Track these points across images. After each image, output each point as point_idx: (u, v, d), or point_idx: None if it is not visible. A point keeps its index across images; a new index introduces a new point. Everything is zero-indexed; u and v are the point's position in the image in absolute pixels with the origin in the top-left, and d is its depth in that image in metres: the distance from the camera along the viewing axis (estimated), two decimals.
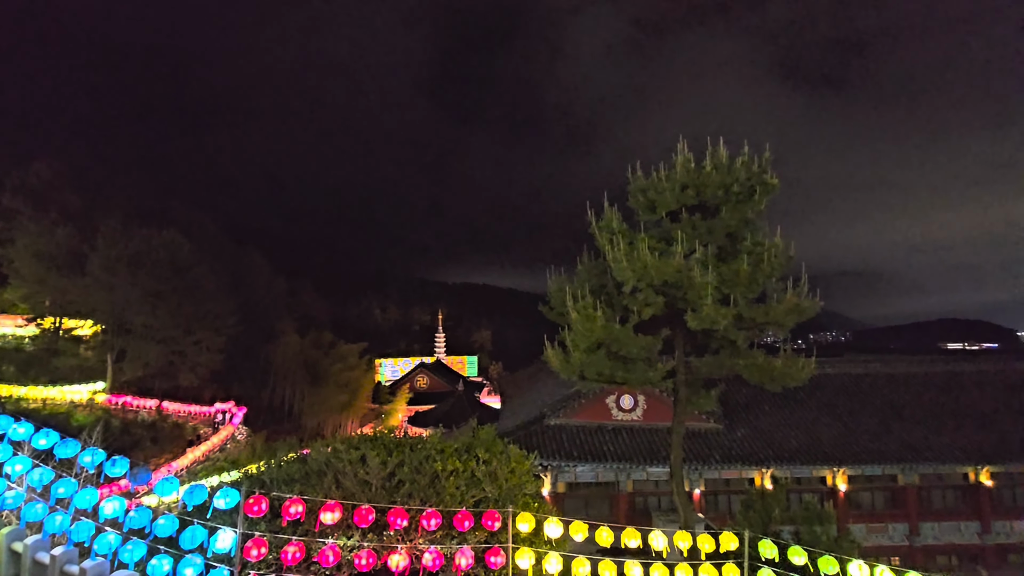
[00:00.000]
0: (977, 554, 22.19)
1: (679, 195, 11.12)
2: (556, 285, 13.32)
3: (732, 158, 10.93)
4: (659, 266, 10.14)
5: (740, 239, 10.85)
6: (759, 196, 10.54)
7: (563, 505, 21.80)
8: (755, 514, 11.09)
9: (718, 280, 10.12)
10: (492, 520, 7.52)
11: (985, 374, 26.72)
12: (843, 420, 23.67)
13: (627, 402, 23.12)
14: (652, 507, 22.45)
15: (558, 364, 12.09)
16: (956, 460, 21.78)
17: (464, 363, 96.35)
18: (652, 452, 21.50)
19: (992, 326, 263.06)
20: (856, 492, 22.76)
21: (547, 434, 22.39)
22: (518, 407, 31.05)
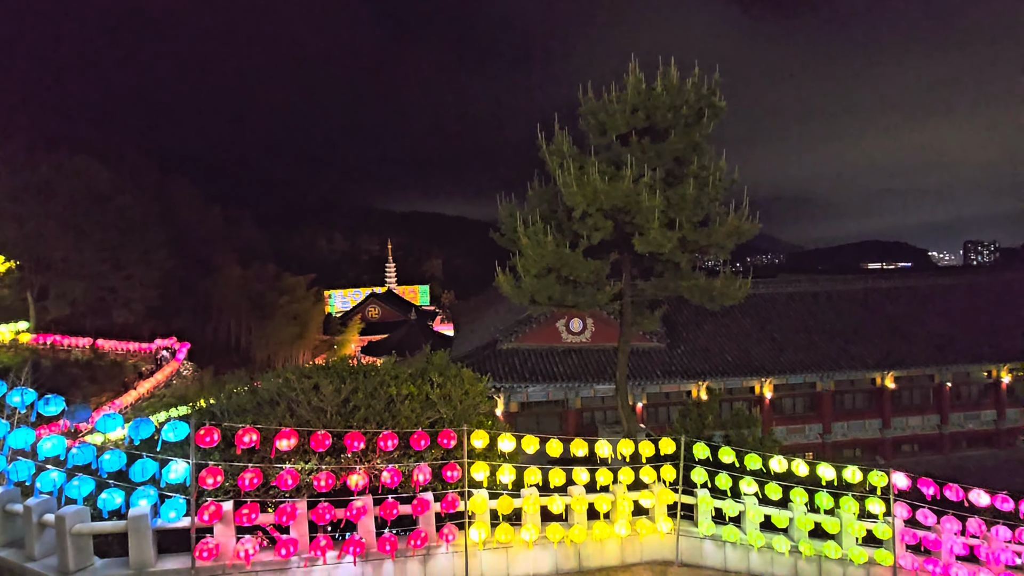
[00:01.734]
0: (877, 446, 25.40)
1: (629, 118, 10.98)
2: (507, 211, 13.19)
3: (683, 80, 10.80)
4: (609, 191, 10.18)
5: (687, 163, 10.98)
6: (707, 119, 10.57)
7: (516, 423, 22.98)
8: (691, 421, 12.08)
9: (665, 204, 10.31)
10: (448, 439, 7.84)
11: (897, 290, 29.28)
12: (773, 336, 25.61)
13: (576, 325, 23.98)
14: (599, 421, 24.05)
15: (509, 290, 12.24)
16: (867, 367, 24.26)
17: (416, 292, 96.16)
18: (599, 371, 22.71)
19: (908, 247, 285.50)
20: (780, 399, 25.15)
21: (500, 358, 23.09)
22: (471, 334, 31.65)
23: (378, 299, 74.81)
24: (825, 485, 9.25)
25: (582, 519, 8.73)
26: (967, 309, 27.99)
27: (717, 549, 9.30)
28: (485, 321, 31.54)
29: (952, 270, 36.71)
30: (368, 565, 7.36)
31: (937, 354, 24.84)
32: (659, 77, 10.67)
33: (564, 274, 11.63)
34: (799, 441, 24.70)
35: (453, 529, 7.78)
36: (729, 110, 11.18)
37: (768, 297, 27.77)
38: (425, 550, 7.62)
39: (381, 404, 7.99)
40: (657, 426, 23.57)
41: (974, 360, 24.90)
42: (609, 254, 12.07)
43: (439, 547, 7.79)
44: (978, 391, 26.39)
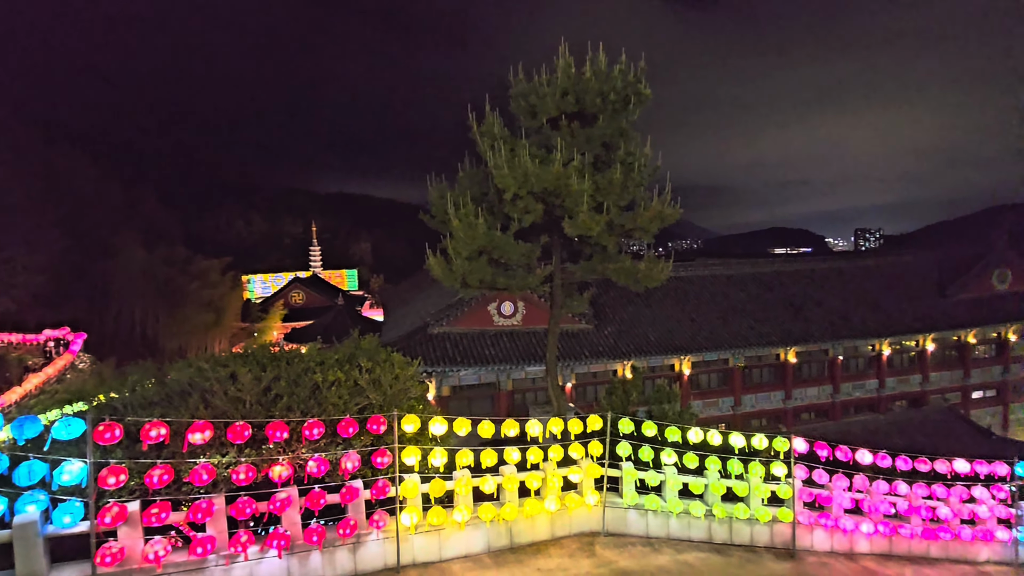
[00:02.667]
0: (780, 415, 27.82)
1: (560, 101, 11.08)
2: (437, 193, 12.95)
3: (610, 66, 11.01)
4: (539, 174, 10.25)
5: (615, 148, 11.26)
6: (634, 106, 10.89)
7: (448, 407, 22.96)
8: (617, 399, 12.62)
9: (593, 188, 10.54)
10: (377, 424, 7.68)
11: (799, 273, 31.97)
12: (691, 316, 27.19)
13: (507, 308, 24.19)
14: (530, 402, 24.54)
15: (440, 272, 12.09)
16: (772, 344, 26.39)
17: (343, 277, 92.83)
18: (530, 353, 23.11)
19: (809, 233, 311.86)
20: (696, 375, 26.83)
21: (431, 342, 22.88)
22: (402, 318, 31.07)
23: (302, 284, 71.45)
24: (736, 453, 10.01)
25: (514, 497, 8.90)
26: (857, 290, 31.11)
27: (640, 518, 9.83)
28: (416, 305, 31.06)
29: (844, 255, 40.53)
30: (294, 558, 7.11)
31: (832, 330, 27.47)
32: (588, 63, 10.83)
33: (495, 257, 11.65)
34: (713, 414, 26.55)
35: (384, 515, 7.68)
36: (652, 99, 11.57)
37: (687, 280, 29.39)
38: (355, 538, 7.47)
39: (306, 391, 7.67)
40: (586, 404, 24.44)
41: (862, 335, 27.79)
42: (540, 237, 12.20)
43: (369, 534, 7.67)
44: (864, 363, 29.52)
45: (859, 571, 9.43)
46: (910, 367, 30.03)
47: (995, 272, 31.65)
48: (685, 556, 9.17)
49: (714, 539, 9.87)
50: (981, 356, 31.11)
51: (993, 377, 31.14)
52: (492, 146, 11.07)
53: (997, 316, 30.09)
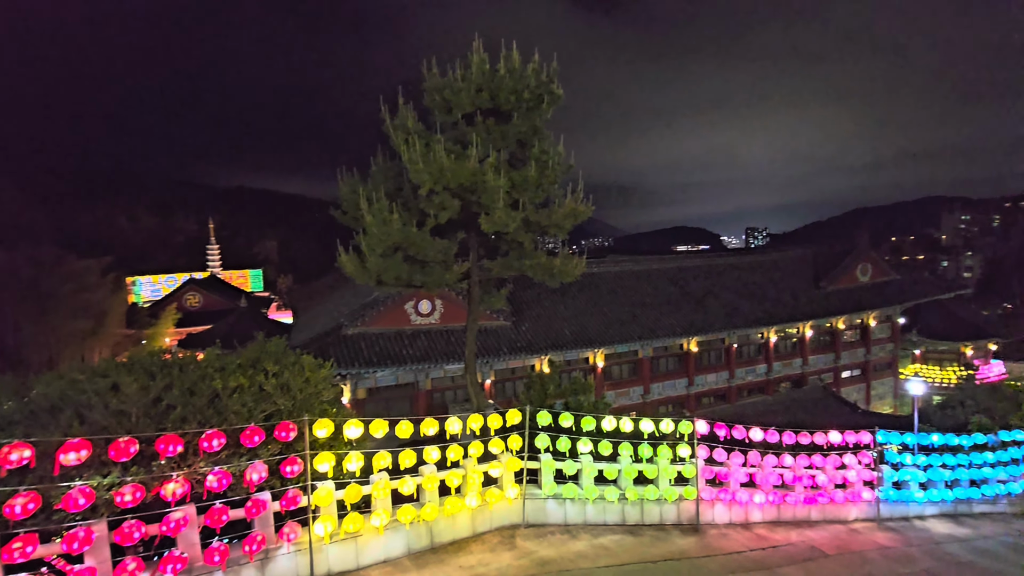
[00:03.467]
0: (684, 401, 29.83)
1: (475, 97, 11.06)
2: (349, 187, 12.45)
3: (524, 65, 11.17)
4: (455, 169, 10.17)
5: (529, 146, 11.44)
6: (547, 105, 11.12)
7: (364, 410, 22.20)
8: (535, 393, 12.86)
9: (509, 185, 10.65)
10: (286, 431, 7.24)
11: (699, 268, 34.43)
12: (604, 311, 28.35)
13: (425, 307, 23.83)
14: (449, 400, 24.37)
15: (353, 270, 11.64)
16: (677, 335, 28.20)
17: (246, 277, 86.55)
18: (449, 351, 22.93)
19: (706, 232, 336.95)
20: (609, 366, 28.05)
21: (345, 343, 22.00)
22: (313, 320, 29.57)
23: (199, 286, 65.69)
24: (646, 437, 10.58)
25: (434, 497, 8.79)
26: (748, 283, 34.07)
27: (559, 507, 10.10)
28: (328, 306, 29.69)
29: (737, 251, 44.31)
30: None
31: (728, 321, 29.87)
32: (502, 60, 10.90)
33: (411, 253, 11.41)
34: (625, 403, 27.90)
35: (295, 527, 7.26)
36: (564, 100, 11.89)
37: (600, 276, 30.60)
38: (263, 554, 7.00)
39: (203, 400, 7.06)
40: (505, 400, 24.68)
41: (753, 324, 30.48)
42: (457, 233, 12.13)
43: (279, 548, 7.22)
44: (755, 350, 32.42)
45: (753, 538, 10.33)
46: (793, 352, 33.42)
47: (859, 266, 36.06)
48: (601, 540, 9.54)
49: (627, 521, 10.37)
50: (849, 340, 35.32)
51: (858, 358, 35.49)
52: (406, 140, 10.82)
53: (861, 305, 34.30)
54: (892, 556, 10.20)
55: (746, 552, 9.66)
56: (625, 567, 8.61)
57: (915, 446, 12.65)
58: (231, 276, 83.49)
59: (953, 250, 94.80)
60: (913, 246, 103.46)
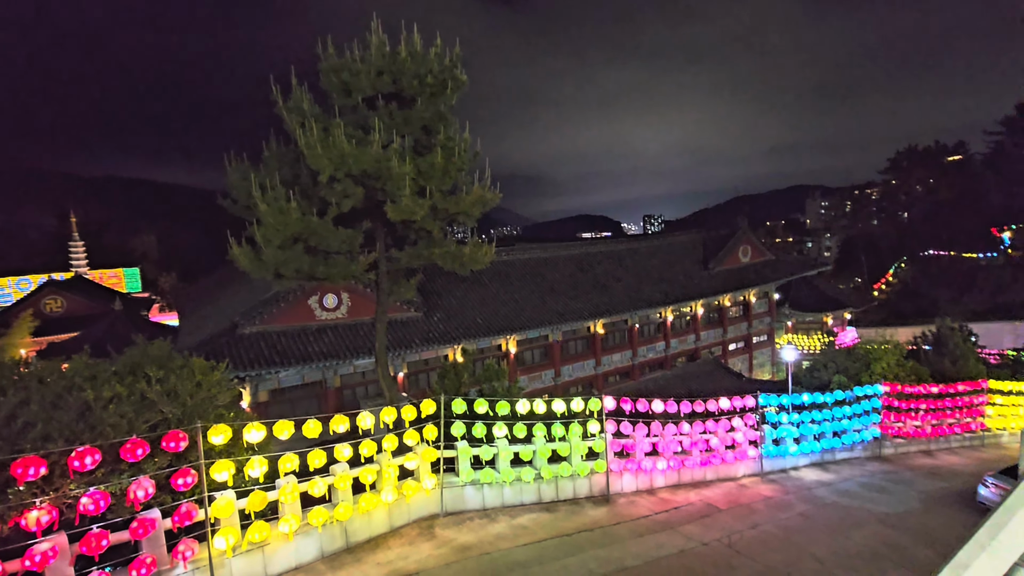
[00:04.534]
0: (593, 381, 31.26)
1: (375, 80, 10.61)
2: (239, 175, 11.47)
3: (426, 49, 10.90)
4: (357, 155, 9.73)
5: (435, 132, 11.22)
6: (451, 91, 10.94)
7: (268, 412, 20.85)
8: (449, 381, 12.79)
9: (415, 172, 10.39)
10: (175, 441, 6.61)
11: (602, 254, 36.06)
12: (515, 297, 28.81)
13: (331, 301, 22.76)
14: (360, 396, 23.57)
15: (248, 263, 10.79)
16: (584, 318, 29.39)
17: (120, 277, 77.23)
18: (358, 346, 22.11)
19: (608, 219, 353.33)
20: (522, 352, 28.64)
21: (243, 343, 20.43)
22: (203, 320, 27.11)
23: (60, 288, 57.55)
24: (559, 417, 10.95)
25: (347, 496, 8.49)
26: (646, 266, 36.27)
27: (476, 492, 10.19)
28: (221, 304, 27.36)
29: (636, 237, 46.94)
30: None
31: (630, 302, 31.62)
32: (403, 43, 10.55)
33: (313, 244, 10.78)
34: (538, 386, 28.67)
35: (191, 544, 6.68)
36: (470, 88, 11.79)
37: (509, 263, 31.01)
38: None
39: (71, 414, 6.23)
40: (419, 392, 24.34)
41: (653, 305, 32.54)
42: (361, 222, 11.64)
43: (173, 570, 6.61)
44: (654, 329, 34.69)
45: (658, 502, 11.13)
46: (687, 329, 36.18)
47: (740, 249, 39.72)
48: (519, 520, 9.78)
49: (543, 499, 10.72)
50: (733, 316, 38.90)
51: (742, 331, 39.23)
52: (303, 124, 10.16)
53: (743, 283, 37.86)
54: (774, 504, 11.47)
55: (652, 516, 10.38)
56: (543, 543, 8.90)
57: (789, 406, 14.27)
58: (101, 276, 74.08)
59: (816, 233, 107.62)
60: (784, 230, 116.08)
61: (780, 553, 9.01)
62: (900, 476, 14.32)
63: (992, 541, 2.27)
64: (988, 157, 72.01)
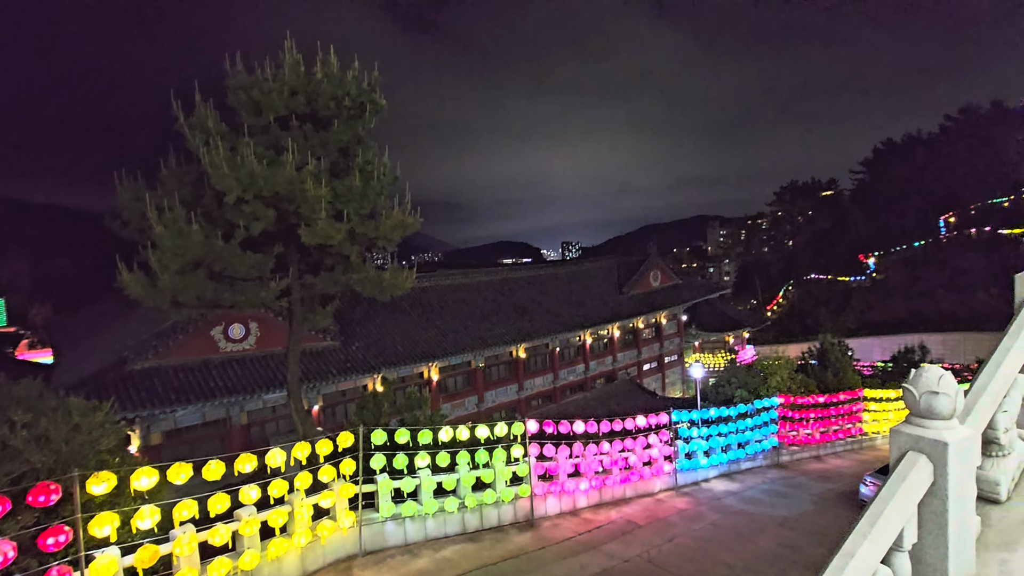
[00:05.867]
0: (516, 405, 31.33)
1: (289, 100, 10.26)
2: (131, 195, 10.53)
3: (343, 71, 10.74)
4: (268, 176, 9.28)
5: (353, 155, 10.99)
6: (369, 114, 10.82)
7: (162, 456, 18.79)
8: (368, 412, 12.27)
9: (332, 195, 10.08)
10: (44, 495, 5.78)
11: (523, 279, 36.74)
12: (437, 323, 28.45)
13: (237, 331, 21.19)
14: (271, 433, 21.96)
15: (141, 291, 9.84)
16: (506, 343, 29.58)
17: None
18: (268, 379, 20.69)
19: (528, 246, 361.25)
20: (444, 379, 28.19)
21: (133, 381, 18.40)
22: (84, 356, 24.14)
23: None
24: (483, 443, 10.85)
25: (254, 542, 7.81)
26: (566, 291, 37.37)
27: (398, 527, 9.77)
28: (107, 338, 24.55)
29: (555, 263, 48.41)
30: None
31: (551, 326, 32.31)
32: (319, 64, 10.33)
33: (218, 269, 10.05)
34: (461, 413, 28.26)
35: None
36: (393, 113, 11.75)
37: (431, 290, 30.68)
38: None
39: None
40: (336, 426, 23.09)
41: (572, 328, 33.45)
42: (273, 246, 11.04)
43: None
44: (574, 351, 35.60)
45: (581, 523, 11.25)
46: (605, 351, 37.48)
47: (651, 274, 42.13)
48: (443, 553, 9.48)
49: (468, 529, 10.48)
50: (647, 337, 40.91)
51: (654, 352, 41.31)
52: (207, 142, 9.56)
53: (654, 306, 40.04)
54: (688, 516, 12.00)
55: (575, 537, 10.47)
56: (467, 575, 8.67)
57: (699, 421, 15.13)
58: None
59: (716, 259, 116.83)
60: (689, 256, 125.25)
61: (695, 563, 9.40)
62: (796, 481, 15.56)
63: (872, 530, 2.53)
64: (854, 193, 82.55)
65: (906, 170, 71.83)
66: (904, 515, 2.56)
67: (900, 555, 2.70)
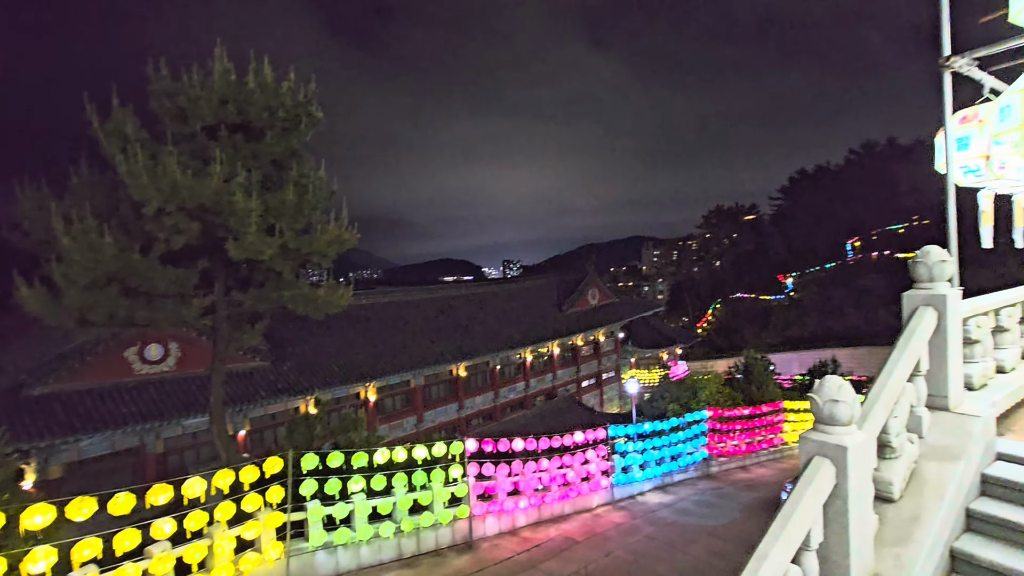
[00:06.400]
0: (456, 425, 30.92)
1: (218, 108, 9.83)
2: (34, 203, 9.66)
3: (278, 81, 10.44)
4: (194, 187, 8.80)
5: (287, 168, 10.64)
6: (305, 127, 10.55)
7: (62, 491, 16.98)
8: (299, 436, 11.73)
9: (263, 208, 9.69)
10: None
11: (464, 297, 36.65)
12: (373, 342, 27.72)
13: (155, 352, 19.71)
14: (190, 462, 20.43)
15: (42, 308, 8.97)
16: (447, 361, 29.25)
17: None
18: (188, 403, 19.31)
19: (470, 263, 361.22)
20: (382, 399, 27.42)
21: (28, 407, 16.62)
22: None
23: None
24: (420, 464, 10.62)
25: None
26: (506, 309, 37.58)
27: (329, 557, 9.33)
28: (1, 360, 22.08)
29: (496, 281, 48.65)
30: None
31: (491, 344, 32.30)
32: (251, 73, 9.99)
33: (133, 285, 9.35)
34: (399, 435, 27.52)
35: None
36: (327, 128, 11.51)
37: (369, 307, 29.94)
38: None
39: None
40: (264, 451, 21.80)
41: (513, 346, 33.61)
42: (197, 261, 10.43)
43: None
44: (515, 369, 35.73)
45: (520, 542, 11.19)
46: (545, 368, 37.87)
47: (590, 292, 43.23)
48: None
49: (404, 554, 10.16)
50: (585, 355, 41.77)
51: (593, 369, 42.19)
52: (124, 149, 8.96)
53: (593, 323, 41.03)
54: (624, 530, 12.23)
55: (514, 557, 10.39)
56: None
57: (635, 435, 15.56)
58: None
59: (651, 278, 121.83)
60: (625, 275, 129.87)
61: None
62: (724, 491, 16.27)
63: (783, 531, 2.71)
64: (773, 217, 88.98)
65: (817, 198, 78.48)
66: (811, 516, 2.76)
67: (808, 554, 2.90)
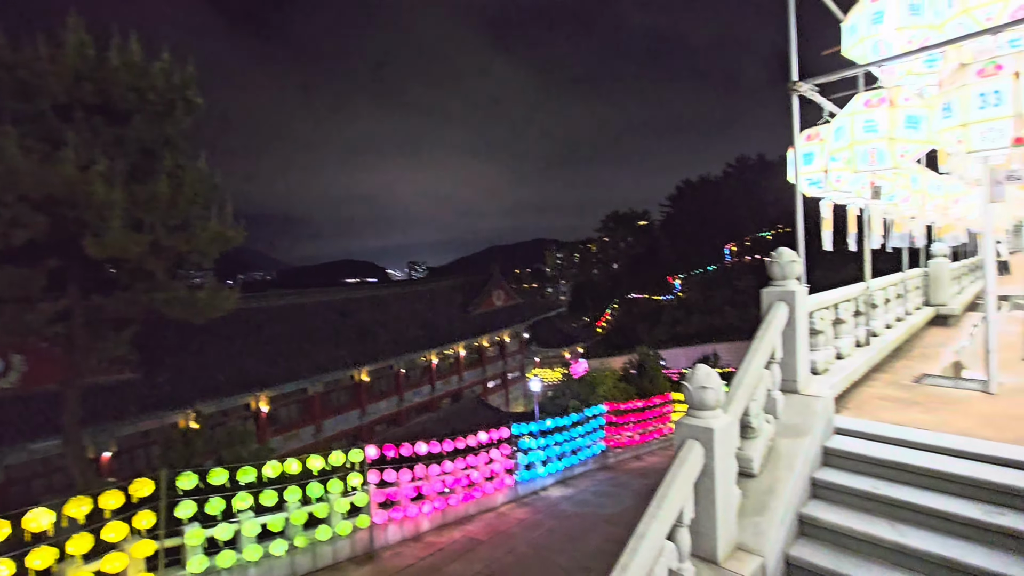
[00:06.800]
0: (359, 432, 29.73)
1: (72, 86, 8.62)
2: None
3: (149, 61, 9.38)
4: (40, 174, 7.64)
5: (159, 158, 9.58)
6: (181, 112, 9.57)
7: None
8: (176, 453, 10.62)
9: (129, 201, 8.65)
10: None
11: (367, 299, 35.40)
12: (265, 349, 25.85)
13: None
14: (39, 491, 17.68)
15: None
16: (347, 367, 28.04)
17: None
18: (36, 425, 16.72)
19: (373, 265, 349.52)
20: (276, 409, 25.65)
21: None
22: None
23: None
24: (316, 475, 10.08)
25: None
26: (411, 311, 36.86)
27: None
28: None
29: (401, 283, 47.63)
30: None
31: (395, 348, 31.48)
32: (114, 50, 8.88)
33: None
34: (295, 445, 25.90)
35: None
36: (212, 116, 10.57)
37: (261, 311, 27.89)
38: None
39: None
40: (135, 473, 19.43)
41: (418, 349, 33.01)
42: (45, 259, 9.05)
43: None
44: (420, 372, 35.12)
45: (423, 548, 11.02)
46: (451, 371, 37.64)
47: (495, 293, 43.72)
48: None
49: (298, 572, 9.58)
50: (491, 356, 42.16)
51: (499, 369, 42.70)
52: None
53: (498, 325, 41.52)
54: (527, 525, 12.50)
55: (417, 563, 10.21)
56: None
57: (538, 432, 15.96)
58: None
59: (554, 279, 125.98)
60: (529, 277, 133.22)
61: (533, 570, 9.79)
62: (620, 480, 17.22)
63: (659, 511, 2.93)
64: (663, 223, 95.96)
65: (700, 206, 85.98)
66: (683, 494, 3.01)
67: (682, 530, 3.16)
